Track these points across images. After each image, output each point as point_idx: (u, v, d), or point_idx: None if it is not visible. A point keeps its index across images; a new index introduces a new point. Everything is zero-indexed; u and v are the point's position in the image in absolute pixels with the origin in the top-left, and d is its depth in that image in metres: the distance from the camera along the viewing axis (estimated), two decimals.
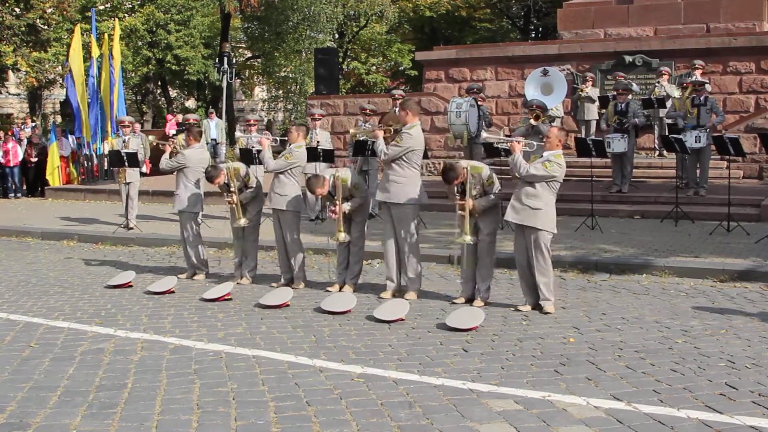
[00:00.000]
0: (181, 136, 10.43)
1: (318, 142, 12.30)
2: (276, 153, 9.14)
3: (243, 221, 8.70)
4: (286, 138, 9.23)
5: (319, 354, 6.05)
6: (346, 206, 8.10)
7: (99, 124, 18.70)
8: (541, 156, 7.27)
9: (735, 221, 10.92)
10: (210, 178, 8.67)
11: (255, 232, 8.97)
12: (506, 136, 12.73)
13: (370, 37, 37.41)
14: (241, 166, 8.92)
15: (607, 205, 12.68)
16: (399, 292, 7.95)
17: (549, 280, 7.29)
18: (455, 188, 7.47)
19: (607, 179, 13.60)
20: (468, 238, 7.42)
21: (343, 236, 8.10)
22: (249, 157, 11.74)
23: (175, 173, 9.26)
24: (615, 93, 13.46)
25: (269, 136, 9.74)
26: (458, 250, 8.01)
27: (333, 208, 8.10)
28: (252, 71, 41.37)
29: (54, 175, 18.75)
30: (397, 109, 13.12)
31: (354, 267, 8.33)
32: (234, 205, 8.69)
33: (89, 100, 18.64)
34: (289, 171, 8.56)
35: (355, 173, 8.54)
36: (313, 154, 11.53)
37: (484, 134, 9.59)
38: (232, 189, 8.63)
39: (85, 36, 19.76)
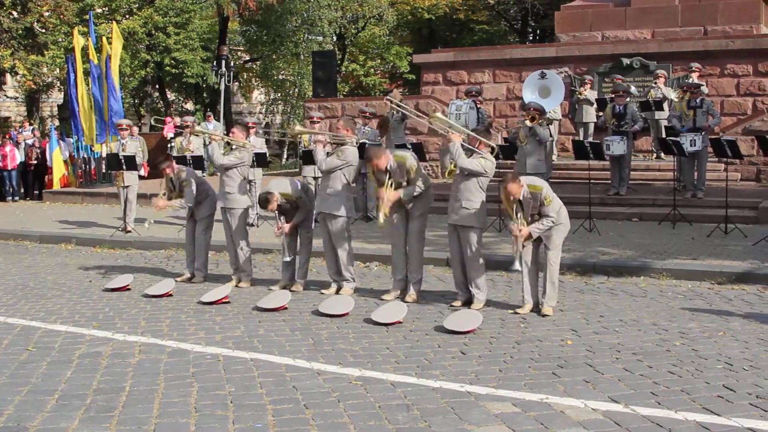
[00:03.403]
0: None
1: None
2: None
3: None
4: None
5: (317, 357, 6.05)
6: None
7: (100, 126, 18.68)
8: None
9: (732, 223, 10.94)
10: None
11: (245, 236, 8.94)
12: (504, 138, 12.74)
13: (369, 40, 37.43)
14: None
15: (605, 207, 12.70)
16: (401, 294, 7.96)
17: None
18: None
19: (604, 182, 13.61)
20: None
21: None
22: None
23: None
24: (613, 95, 13.47)
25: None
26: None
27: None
28: (250, 74, 41.33)
29: (56, 179, 18.80)
30: (393, 112, 13.15)
31: (349, 270, 8.32)
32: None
33: (98, 104, 18.61)
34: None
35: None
36: (312, 158, 11.47)
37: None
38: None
39: (83, 39, 19.71)
